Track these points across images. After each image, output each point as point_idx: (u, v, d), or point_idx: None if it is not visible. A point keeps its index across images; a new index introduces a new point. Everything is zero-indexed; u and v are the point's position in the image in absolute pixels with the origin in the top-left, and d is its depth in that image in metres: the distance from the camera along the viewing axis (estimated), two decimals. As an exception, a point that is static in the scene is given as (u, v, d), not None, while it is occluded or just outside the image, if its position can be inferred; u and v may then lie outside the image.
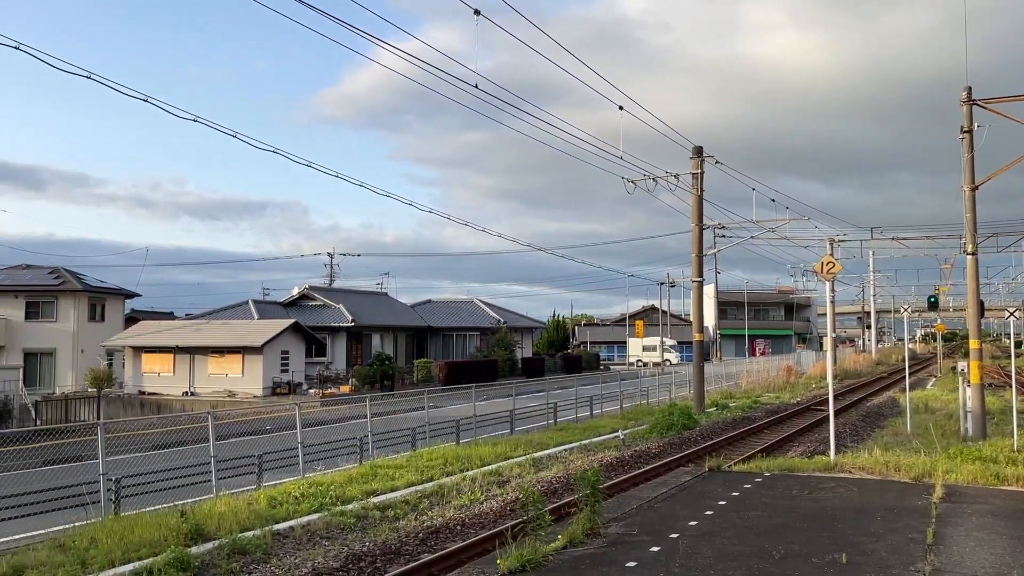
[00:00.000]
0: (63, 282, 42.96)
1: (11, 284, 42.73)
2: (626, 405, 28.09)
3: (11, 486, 13.45)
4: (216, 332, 37.70)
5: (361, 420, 18.99)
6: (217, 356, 36.16)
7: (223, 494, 12.02)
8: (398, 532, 10.69)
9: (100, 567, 8.60)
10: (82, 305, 42.74)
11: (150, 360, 37.52)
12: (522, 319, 58.28)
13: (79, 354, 41.54)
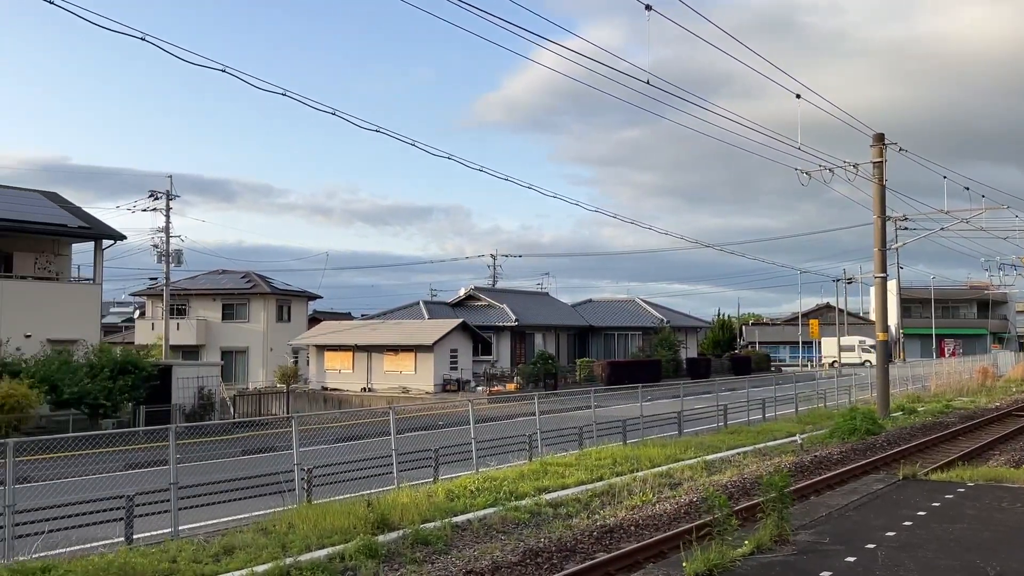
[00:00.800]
0: (254, 285, 46.58)
1: (210, 288, 46.85)
2: (801, 408, 26.79)
3: (217, 473, 14.70)
4: (390, 331, 39.50)
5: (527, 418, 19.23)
6: (392, 354, 37.89)
7: (404, 486, 12.52)
8: (572, 530, 10.70)
9: (299, 551, 9.18)
10: (271, 307, 46.15)
11: (331, 358, 39.90)
12: (685, 318, 57.03)
13: (268, 352, 44.89)
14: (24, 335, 25.52)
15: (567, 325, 50.40)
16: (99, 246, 28.83)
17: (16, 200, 28.73)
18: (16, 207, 27.82)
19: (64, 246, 29.30)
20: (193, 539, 9.94)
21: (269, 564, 8.61)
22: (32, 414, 21.28)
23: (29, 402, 20.89)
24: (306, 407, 34.87)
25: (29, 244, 28.08)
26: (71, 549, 9.21)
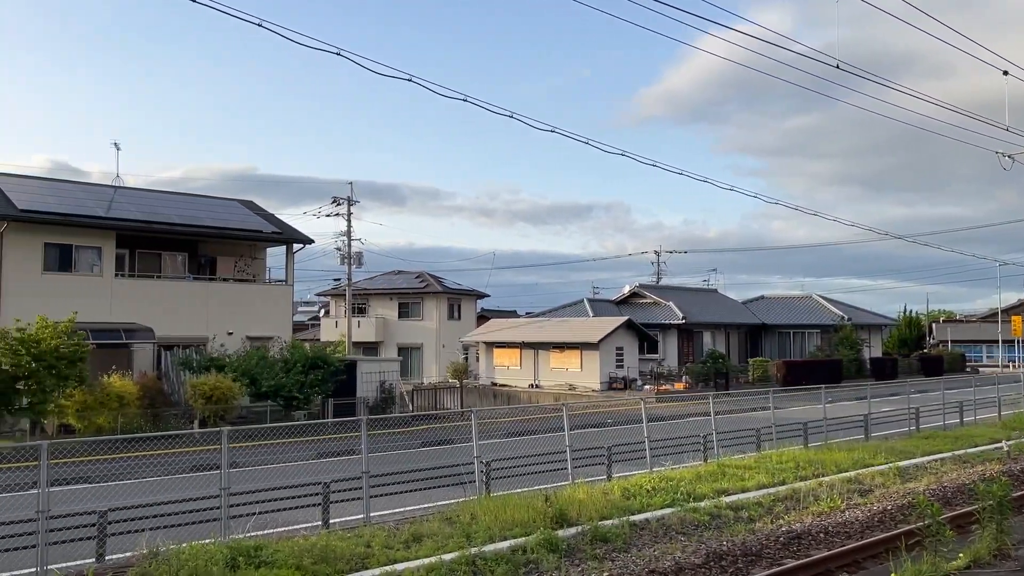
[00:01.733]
0: (427, 285, 48.53)
1: (387, 288, 49.31)
2: (1006, 413, 24.48)
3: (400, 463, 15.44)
4: (556, 329, 39.89)
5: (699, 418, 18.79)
6: (558, 351, 38.26)
7: (579, 482, 12.59)
8: (755, 534, 10.36)
9: (482, 541, 9.47)
10: (442, 305, 47.91)
11: (500, 354, 40.85)
12: (868, 315, 53.56)
13: (440, 348, 46.63)
14: (227, 332, 27.97)
15: (737, 323, 48.77)
16: (290, 250, 31.08)
17: (219, 209, 31.55)
18: (219, 215, 30.55)
19: (259, 250, 31.82)
20: (383, 526, 10.49)
21: (456, 553, 8.93)
22: (235, 405, 23.27)
23: (233, 394, 22.87)
24: (477, 402, 35.88)
25: (230, 249, 30.73)
26: (277, 530, 9.98)
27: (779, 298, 55.03)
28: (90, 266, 26.25)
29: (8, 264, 24.24)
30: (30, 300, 23.48)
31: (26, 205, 25.05)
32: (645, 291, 47.80)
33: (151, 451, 18.69)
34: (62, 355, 20.25)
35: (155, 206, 29.44)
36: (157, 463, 17.47)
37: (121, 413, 20.73)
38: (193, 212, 29.92)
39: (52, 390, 20.20)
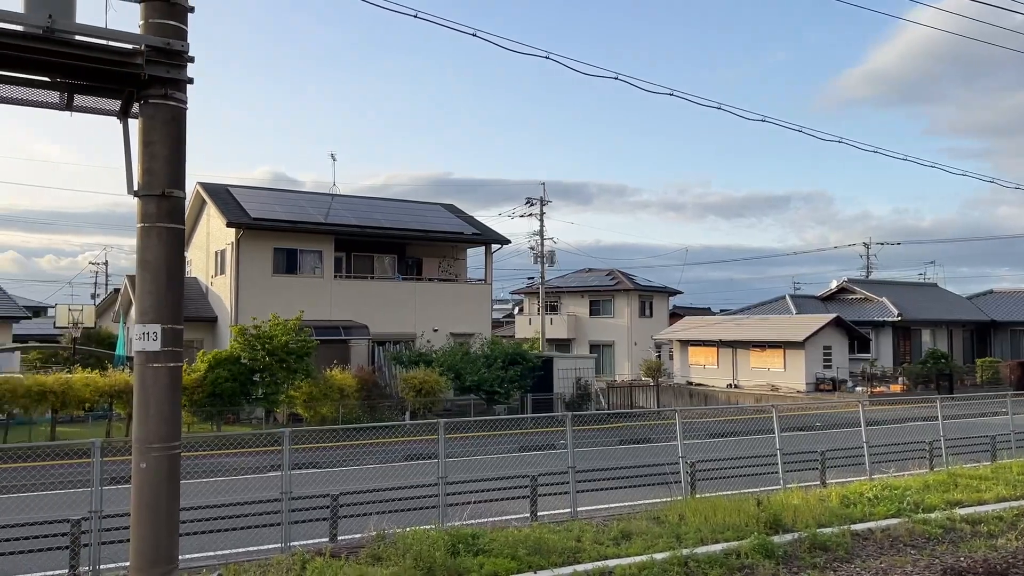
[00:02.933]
0: (618, 283, 48.42)
1: (578, 286, 49.73)
2: None
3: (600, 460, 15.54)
4: (756, 327, 38.39)
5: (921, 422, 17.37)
6: (758, 350, 36.80)
7: (792, 487, 12.05)
8: (998, 551, 9.41)
9: (693, 543, 9.31)
10: (634, 303, 47.59)
11: (695, 353, 39.93)
12: (1124, 311, 46.95)
13: (632, 346, 46.34)
14: (432, 329, 29.44)
15: (962, 320, 44.52)
16: (489, 250, 32.17)
17: (424, 213, 33.27)
18: (424, 219, 32.22)
19: (461, 251, 33.20)
20: (590, 521, 10.60)
21: (667, 553, 8.84)
22: (441, 398, 24.45)
23: (440, 387, 24.04)
24: (672, 401, 35.30)
25: (434, 250, 32.34)
26: (490, 520, 10.37)
27: (1011, 292, 49.60)
28: (312, 268, 28.59)
29: (244, 267, 26.93)
30: (261, 300, 25.96)
31: (258, 214, 27.71)
32: (855, 286, 44.84)
33: (369, 440, 20.04)
34: (291, 350, 22.23)
35: (367, 212, 31.56)
36: (375, 451, 18.71)
37: (342, 404, 22.41)
38: (401, 217, 31.77)
39: (283, 382, 22.22)
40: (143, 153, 6.30)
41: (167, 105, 6.24)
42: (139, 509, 6.13)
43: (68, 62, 6.03)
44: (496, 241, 32.46)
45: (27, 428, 20.56)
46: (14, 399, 19.02)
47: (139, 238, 6.31)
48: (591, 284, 49.69)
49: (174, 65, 6.18)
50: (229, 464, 16.21)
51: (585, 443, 19.57)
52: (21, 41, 5.79)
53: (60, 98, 6.95)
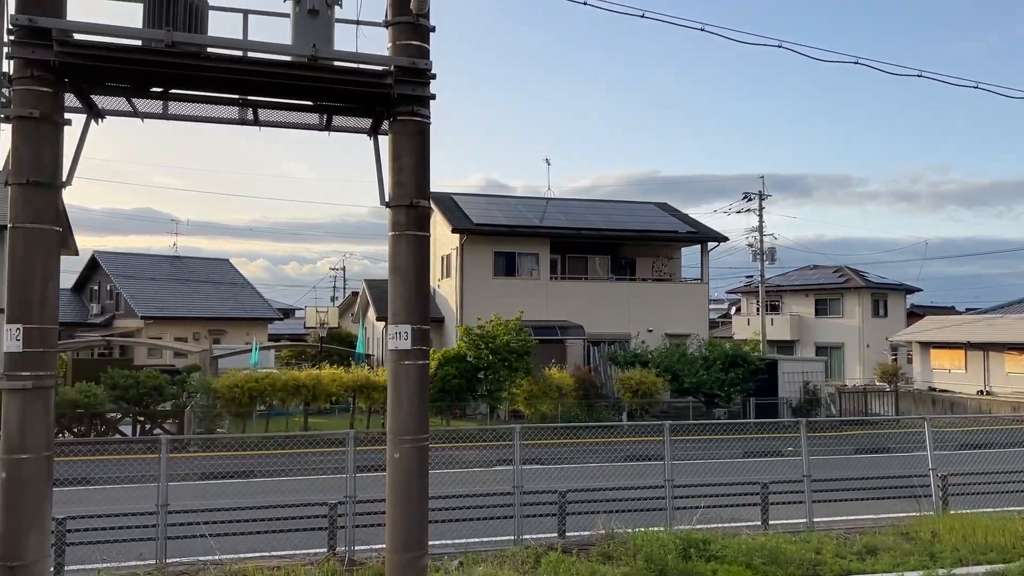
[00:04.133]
0: (847, 280, 45.29)
1: (802, 284, 47.11)
2: None
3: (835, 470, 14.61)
4: (1011, 327, 34.34)
5: None
6: (1015, 354, 32.90)
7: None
8: None
9: (951, 563, 8.51)
10: (865, 301, 44.29)
11: (938, 356, 36.45)
12: None
13: (864, 348, 43.13)
14: (647, 330, 29.20)
15: None
16: (705, 248, 31.38)
17: (636, 212, 33.12)
18: (637, 219, 32.07)
19: (675, 250, 32.66)
20: (829, 533, 10.01)
21: (919, 572, 8.18)
22: (658, 399, 24.18)
23: (656, 388, 23.81)
24: (912, 408, 32.43)
25: (647, 250, 32.07)
26: (720, 526, 10.10)
27: None
28: (529, 270, 29.41)
29: (467, 270, 28.26)
30: (483, 301, 27.08)
31: (479, 219, 28.96)
32: None
33: (587, 439, 20.26)
34: (513, 349, 23.01)
35: (580, 214, 31.95)
36: (594, 450, 18.88)
37: (560, 402, 22.85)
38: (614, 217, 31.83)
39: (505, 379, 23.05)
40: (392, 167, 6.80)
41: (413, 121, 6.68)
42: (393, 497, 6.61)
43: (328, 86, 6.64)
44: (712, 239, 31.58)
45: (284, 419, 22.92)
46: (273, 392, 21.28)
47: (390, 245, 6.81)
48: (816, 282, 46.88)
49: (419, 83, 6.60)
50: (458, 457, 17.07)
51: (818, 451, 18.46)
52: (289, 70, 6.45)
53: (320, 120, 7.67)
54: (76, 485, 12.98)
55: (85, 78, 6.31)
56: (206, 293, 42.95)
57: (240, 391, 20.74)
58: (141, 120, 7.24)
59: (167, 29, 5.97)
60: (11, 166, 6.00)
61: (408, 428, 6.61)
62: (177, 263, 45.54)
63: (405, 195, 6.68)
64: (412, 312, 6.68)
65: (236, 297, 43.76)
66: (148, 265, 43.70)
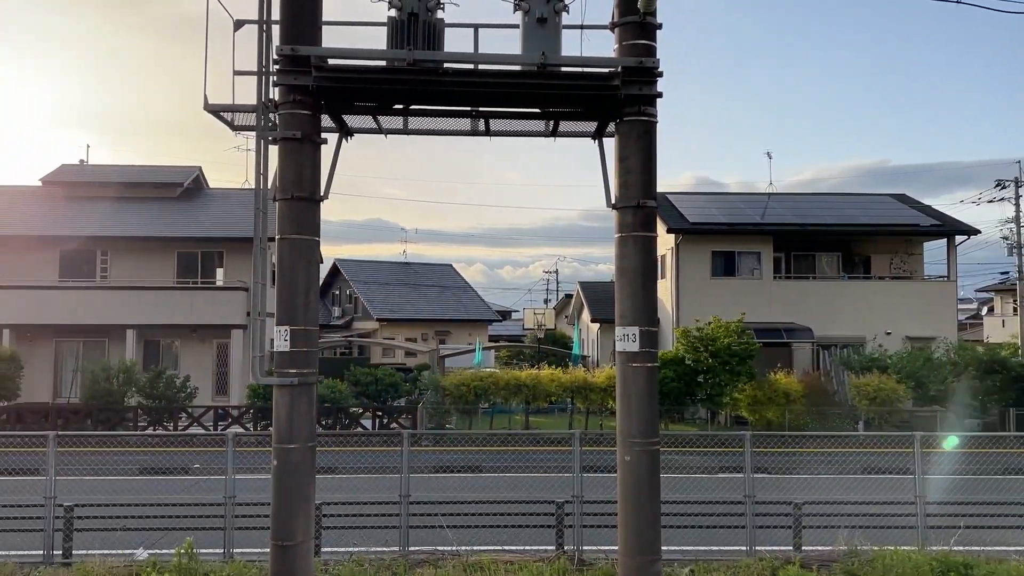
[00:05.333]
0: None
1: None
2: None
3: None
4: None
5: None
6: None
7: None
8: None
9: None
10: None
11: None
12: None
13: None
14: (884, 332, 26.98)
15: None
16: (952, 243, 28.47)
17: (869, 205, 30.73)
18: (871, 212, 29.75)
19: (915, 245, 29.91)
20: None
21: None
22: (899, 408, 22.24)
23: (898, 396, 21.91)
24: None
25: (882, 246, 29.64)
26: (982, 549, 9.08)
27: None
28: (750, 270, 28.24)
29: (683, 271, 27.67)
30: (700, 302, 26.37)
31: (696, 218, 28.25)
32: None
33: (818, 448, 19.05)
34: (734, 352, 22.20)
35: (806, 208, 30.18)
36: (827, 461, 17.71)
37: (788, 409, 21.70)
38: (844, 211, 29.76)
39: (726, 384, 22.28)
40: (618, 168, 6.77)
41: (640, 121, 6.62)
42: (624, 499, 6.58)
43: (555, 92, 6.74)
44: (961, 231, 28.53)
45: (506, 416, 23.70)
46: (496, 391, 22.08)
47: (616, 247, 6.79)
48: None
49: (646, 82, 6.53)
50: (679, 462, 16.71)
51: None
52: (519, 79, 6.63)
53: (546, 126, 7.83)
54: (324, 474, 14.20)
55: (338, 99, 6.88)
56: (432, 296, 45.53)
57: (466, 389, 21.73)
58: (384, 136, 7.77)
59: (408, 48, 6.36)
60: (278, 183, 6.67)
61: (638, 431, 6.55)
62: (406, 269, 48.66)
63: (631, 196, 6.63)
64: (640, 314, 6.62)
65: (459, 300, 45.98)
66: (381, 271, 47.06)
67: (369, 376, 22.79)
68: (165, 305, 25.00)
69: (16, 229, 25.75)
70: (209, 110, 7.15)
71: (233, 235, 26.01)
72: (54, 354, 25.40)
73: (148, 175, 29.53)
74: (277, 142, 6.61)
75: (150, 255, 25.99)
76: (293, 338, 6.49)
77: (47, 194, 28.34)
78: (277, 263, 6.62)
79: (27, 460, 15.40)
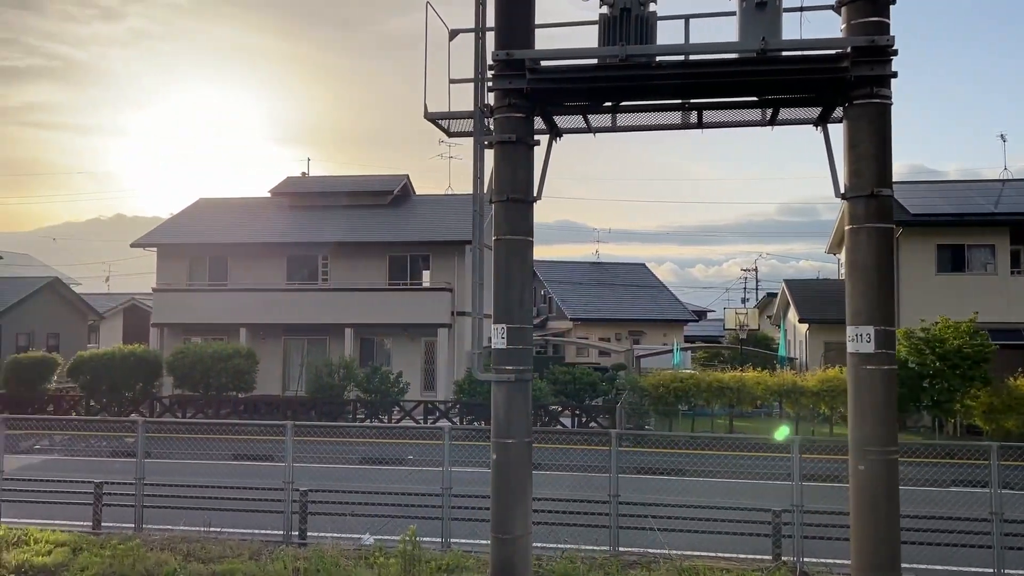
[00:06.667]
0: None
1: None
2: None
3: None
4: None
5: None
6: None
7: None
8: None
9: None
10: None
11: None
12: None
13: None
14: None
15: None
16: None
17: None
18: None
19: None
20: None
21: None
22: None
23: None
24: None
25: None
26: None
27: None
28: (982, 265, 25.58)
29: (905, 267, 25.53)
30: (923, 301, 24.20)
31: (917, 209, 25.99)
32: None
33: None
34: (965, 355, 20.18)
35: (1050, 195, 26.90)
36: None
37: (1031, 419, 19.42)
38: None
39: (956, 390, 20.29)
40: (848, 155, 6.32)
41: (872, 104, 6.15)
42: (858, 511, 6.13)
43: (776, 79, 6.41)
44: None
45: (708, 419, 23.03)
46: (697, 393, 21.49)
47: (847, 240, 6.34)
48: None
49: (879, 62, 6.06)
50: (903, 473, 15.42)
51: None
52: (737, 67, 6.36)
53: (762, 115, 7.48)
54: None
55: (550, 100, 6.95)
56: (626, 296, 45.26)
57: (665, 390, 21.33)
58: (593, 135, 7.76)
59: (621, 44, 6.30)
60: (494, 186, 6.84)
61: (874, 438, 6.08)
62: (599, 269, 48.71)
63: (864, 185, 6.16)
64: (875, 312, 6.14)
65: (653, 300, 45.36)
66: (574, 272, 47.43)
67: (567, 375, 22.99)
68: (378, 306, 26.65)
69: (251, 237, 28.50)
70: (428, 118, 7.47)
71: (438, 239, 27.25)
72: (282, 351, 27.84)
73: (361, 184, 31.60)
74: (492, 146, 6.78)
75: (364, 259, 27.80)
76: (510, 336, 6.62)
77: (275, 204, 31.12)
78: (494, 263, 6.80)
79: (261, 447, 16.99)
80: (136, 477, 10.25)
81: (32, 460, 17.10)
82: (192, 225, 30.09)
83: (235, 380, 23.43)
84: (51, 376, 25.15)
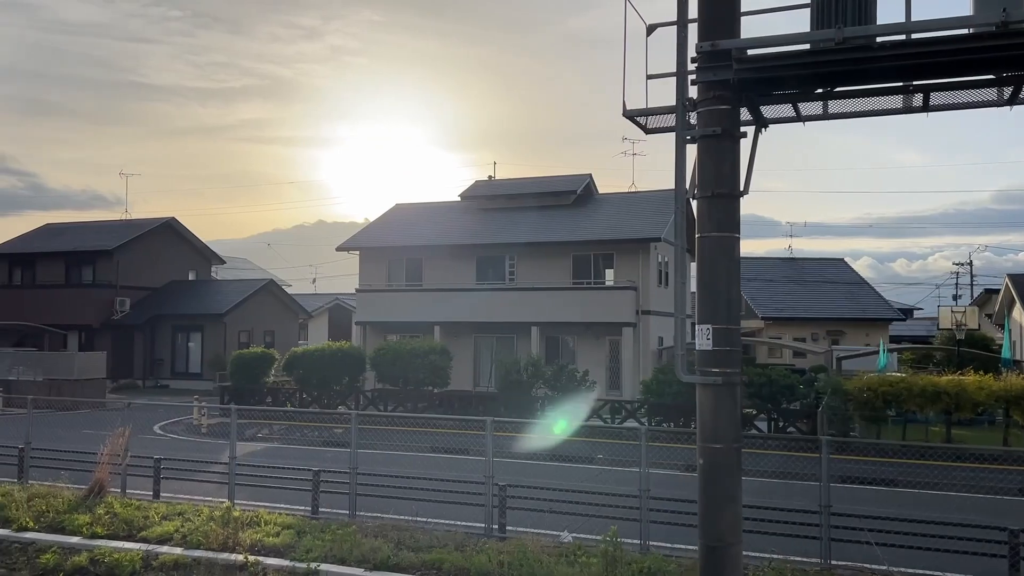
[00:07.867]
0: None
1: None
2: None
3: None
4: None
5: None
6: None
7: None
8: None
9: None
10: None
11: None
12: None
13: None
14: None
15: None
16: None
17: None
18: None
19: None
20: None
21: None
22: None
23: None
24: None
25: None
26: None
27: None
28: None
29: None
30: None
31: None
32: None
33: None
34: None
35: None
36: None
37: None
38: None
39: None
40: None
41: None
42: None
43: (1017, 53, 5.77)
44: None
45: (922, 427, 21.23)
46: (909, 397, 19.82)
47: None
48: None
49: None
50: None
51: None
52: (974, 43, 5.79)
53: (998, 95, 6.77)
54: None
55: (757, 90, 6.66)
56: (822, 294, 42.78)
57: (872, 394, 19.87)
58: (803, 124, 7.36)
59: (838, 26, 5.91)
60: (697, 181, 6.65)
61: None
62: (792, 264, 46.39)
63: None
64: None
65: (853, 297, 42.57)
66: (765, 268, 45.46)
67: (763, 377, 22.00)
68: (562, 304, 26.91)
69: (443, 240, 29.73)
70: (627, 115, 7.39)
71: (622, 237, 27.07)
72: (473, 348, 28.79)
73: (545, 185, 32.05)
74: (695, 140, 6.60)
75: (549, 259, 28.16)
76: (716, 336, 6.41)
77: (464, 207, 32.25)
78: (698, 261, 6.60)
79: (456, 440, 17.62)
80: (350, 466, 10.93)
81: (256, 447, 18.78)
82: (389, 229, 31.85)
83: (431, 375, 24.50)
84: (270, 370, 27.50)
